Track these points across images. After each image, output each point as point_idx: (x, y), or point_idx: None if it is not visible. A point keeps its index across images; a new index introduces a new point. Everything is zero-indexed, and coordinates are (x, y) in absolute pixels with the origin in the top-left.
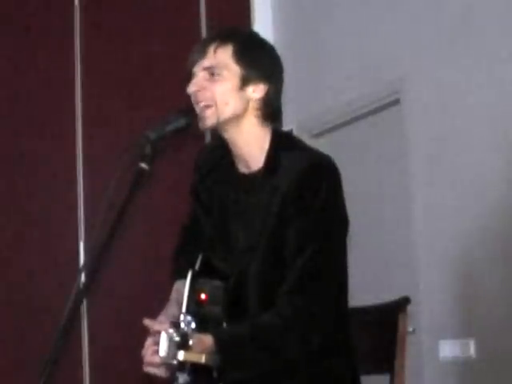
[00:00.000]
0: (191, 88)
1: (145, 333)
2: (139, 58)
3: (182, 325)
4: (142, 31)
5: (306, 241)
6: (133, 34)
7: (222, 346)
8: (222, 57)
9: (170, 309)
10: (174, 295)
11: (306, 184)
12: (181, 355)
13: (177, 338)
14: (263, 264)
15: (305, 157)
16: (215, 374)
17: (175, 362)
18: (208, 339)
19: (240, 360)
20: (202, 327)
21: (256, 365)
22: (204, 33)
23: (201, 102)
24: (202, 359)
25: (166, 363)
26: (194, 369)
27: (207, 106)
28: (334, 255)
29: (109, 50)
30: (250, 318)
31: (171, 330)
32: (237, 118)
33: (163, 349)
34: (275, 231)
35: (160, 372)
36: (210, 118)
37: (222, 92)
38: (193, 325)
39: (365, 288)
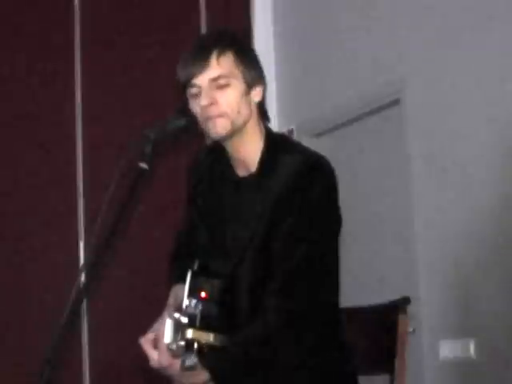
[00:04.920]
0: (203, 101)
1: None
2: (139, 58)
3: (188, 309)
4: (142, 31)
5: (295, 240)
6: (133, 34)
7: (218, 377)
8: (227, 65)
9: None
10: (171, 301)
11: (299, 184)
12: (189, 333)
13: (184, 320)
14: (255, 264)
15: (299, 158)
16: None
17: (183, 342)
18: (203, 375)
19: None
20: (201, 323)
21: (256, 381)
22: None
23: (214, 114)
24: (211, 338)
25: (171, 349)
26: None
27: (220, 116)
28: (324, 255)
29: (109, 49)
30: (240, 334)
31: (177, 315)
32: (245, 123)
33: (168, 334)
34: (268, 231)
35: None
36: (223, 127)
37: (233, 101)
38: (200, 306)
39: (365, 288)
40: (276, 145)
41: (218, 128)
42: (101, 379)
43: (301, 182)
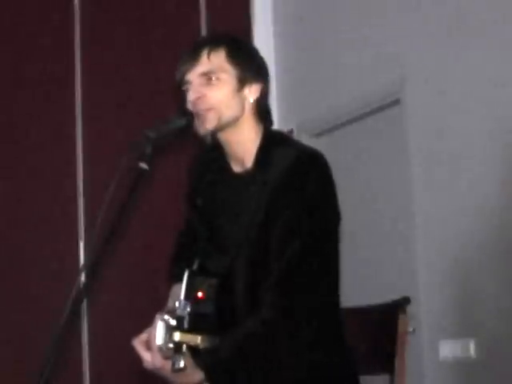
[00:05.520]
0: (191, 96)
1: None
2: (139, 58)
3: (178, 310)
4: (142, 31)
5: (292, 235)
6: (133, 34)
7: (213, 377)
8: (217, 60)
9: None
10: (170, 301)
11: (294, 177)
12: (177, 336)
13: (173, 322)
14: (250, 259)
15: (294, 152)
16: None
17: (171, 345)
18: (197, 375)
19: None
20: (197, 322)
21: (252, 380)
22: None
23: (202, 108)
24: (198, 340)
25: (163, 351)
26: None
27: (208, 110)
28: (322, 250)
29: (109, 49)
30: (236, 331)
31: (166, 316)
32: (236, 119)
33: (160, 336)
34: (264, 225)
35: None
36: (211, 121)
37: (222, 96)
38: (188, 308)
39: (365, 288)
40: (272, 141)
41: (206, 123)
42: (101, 379)
43: (295, 175)
